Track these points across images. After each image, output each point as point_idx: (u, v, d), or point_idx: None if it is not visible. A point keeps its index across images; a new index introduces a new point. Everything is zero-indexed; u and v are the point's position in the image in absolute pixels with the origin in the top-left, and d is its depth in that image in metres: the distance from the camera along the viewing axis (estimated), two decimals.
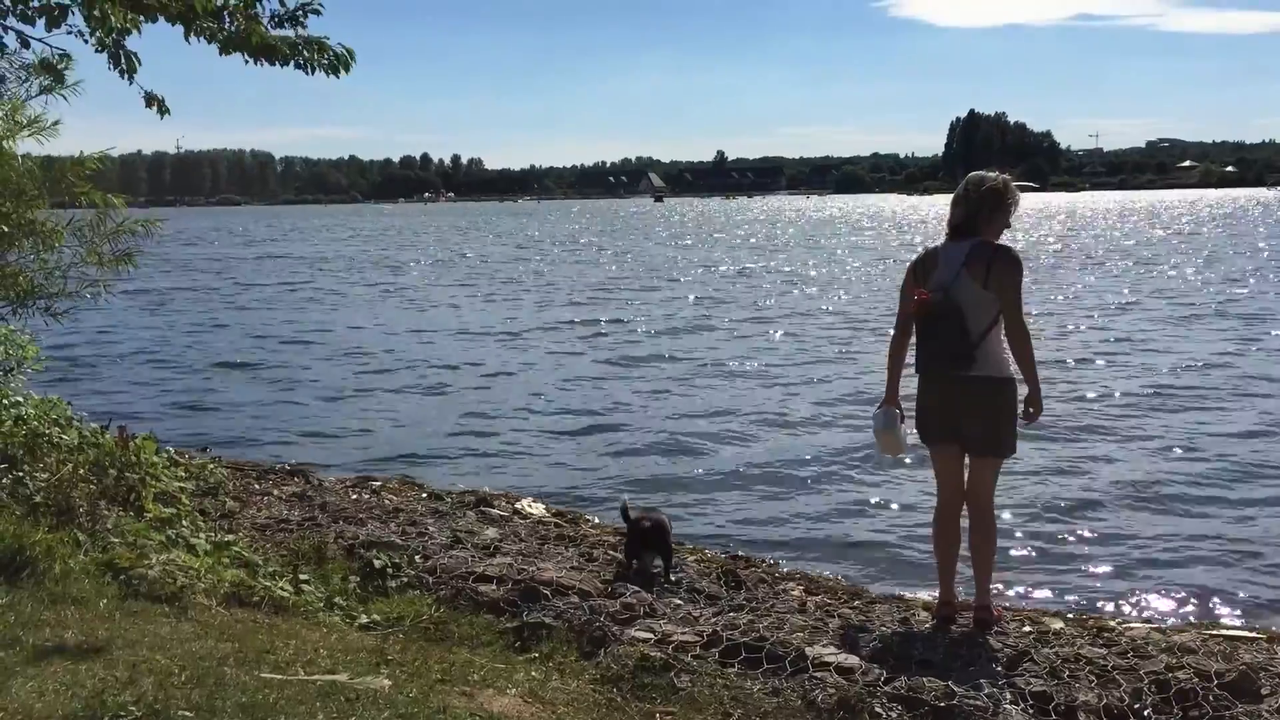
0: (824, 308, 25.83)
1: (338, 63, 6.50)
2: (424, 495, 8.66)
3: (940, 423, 5.32)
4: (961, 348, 5.12)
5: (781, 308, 26.04)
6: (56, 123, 6.35)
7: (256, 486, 8.44)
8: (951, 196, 5.47)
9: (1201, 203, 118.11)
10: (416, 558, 6.27)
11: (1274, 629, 5.90)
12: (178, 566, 5.25)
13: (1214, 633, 5.49)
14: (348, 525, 7.09)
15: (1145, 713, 4.39)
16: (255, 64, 6.66)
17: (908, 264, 5.49)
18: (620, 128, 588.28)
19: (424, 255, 52.17)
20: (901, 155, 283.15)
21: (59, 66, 6.33)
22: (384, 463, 11.02)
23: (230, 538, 6.18)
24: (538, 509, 8.37)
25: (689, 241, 61.54)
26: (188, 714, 3.47)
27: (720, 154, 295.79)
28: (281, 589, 5.42)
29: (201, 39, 6.43)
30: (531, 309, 26.71)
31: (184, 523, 6.03)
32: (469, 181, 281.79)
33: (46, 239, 6.32)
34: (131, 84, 6.70)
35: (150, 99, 6.81)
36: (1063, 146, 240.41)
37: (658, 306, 26.65)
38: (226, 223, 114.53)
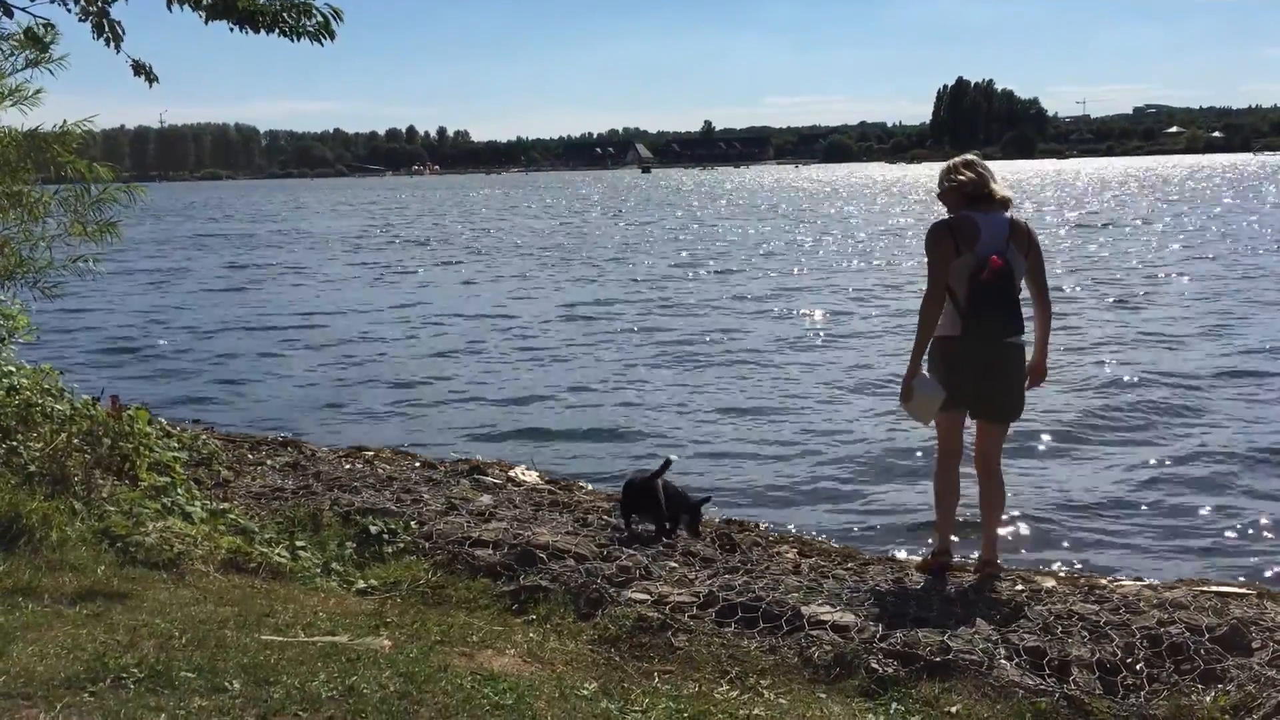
0: (815, 277, 25.85)
1: (322, 29, 6.45)
2: (417, 464, 8.67)
3: (971, 388, 5.39)
4: (1016, 314, 5.32)
5: (770, 278, 26.05)
6: (39, 91, 6.31)
7: (249, 457, 8.45)
8: (941, 168, 5.64)
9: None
10: (412, 524, 6.29)
11: (1264, 585, 5.96)
12: (174, 534, 5.27)
13: (1205, 589, 5.54)
14: (342, 493, 7.10)
15: (1138, 666, 4.43)
16: (241, 32, 6.61)
17: (934, 230, 5.44)
18: (607, 98, 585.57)
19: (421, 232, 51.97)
20: (889, 124, 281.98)
21: (45, 39, 6.27)
22: (375, 433, 11.04)
23: (226, 506, 6.20)
24: (531, 476, 8.39)
25: (678, 213, 61.41)
26: (190, 675, 3.48)
27: (707, 124, 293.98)
28: (278, 555, 5.45)
29: (185, 7, 6.38)
30: (528, 282, 26.68)
31: (179, 491, 6.03)
32: (455, 154, 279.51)
33: (32, 209, 6.28)
34: (119, 53, 6.65)
35: (138, 67, 6.76)
36: (1050, 114, 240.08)
37: (649, 279, 26.63)
38: (216, 197, 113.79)
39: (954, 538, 5.79)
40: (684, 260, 30.93)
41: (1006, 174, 5.67)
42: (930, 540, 6.21)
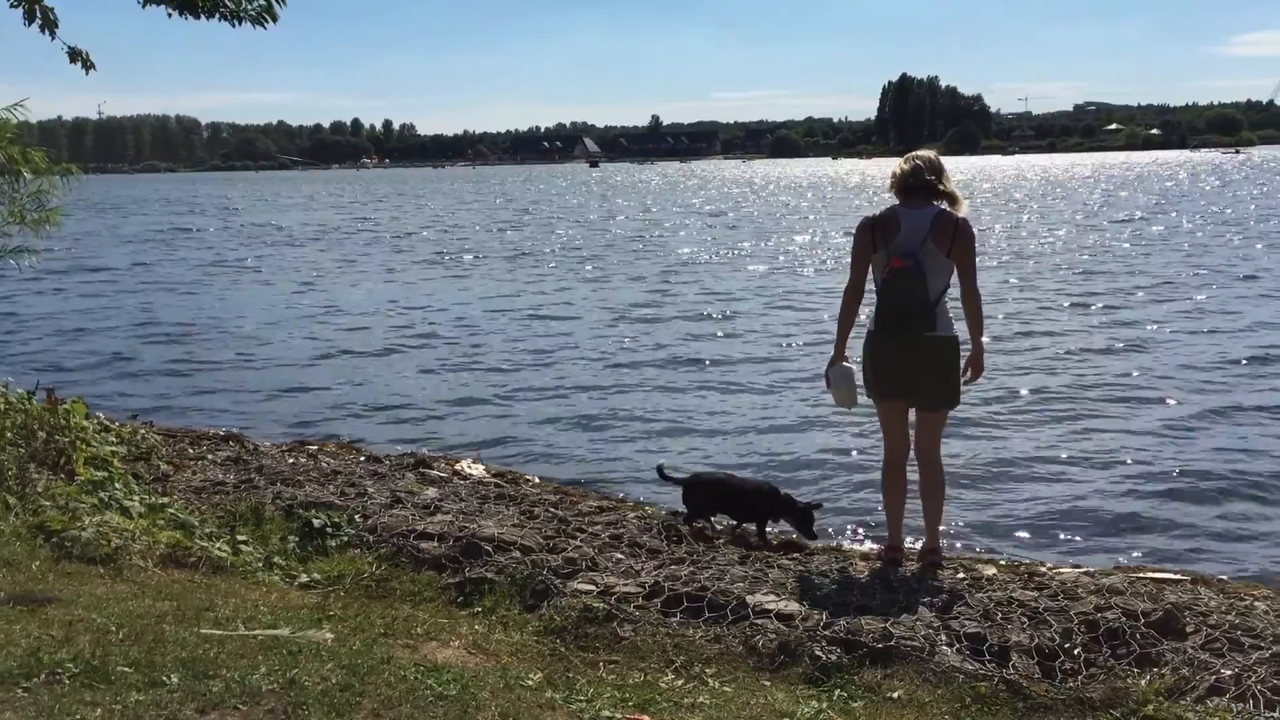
0: (754, 265, 25.98)
1: (264, 12, 6.37)
2: (362, 458, 8.60)
3: (895, 380, 5.56)
4: (924, 311, 5.38)
5: (709, 263, 26.14)
6: None
7: (190, 451, 8.32)
8: (896, 161, 5.72)
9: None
10: (356, 517, 6.24)
11: (1198, 571, 6.09)
12: (111, 528, 5.18)
13: (1140, 575, 5.65)
14: (285, 487, 7.02)
15: (1075, 651, 4.51)
16: (181, 17, 6.50)
17: (859, 225, 5.60)
18: (555, 92, 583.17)
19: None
20: (835, 119, 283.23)
21: None
22: (318, 427, 10.93)
23: (165, 500, 6.10)
24: (477, 470, 8.35)
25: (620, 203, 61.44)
26: (127, 670, 3.43)
27: (655, 118, 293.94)
28: (219, 549, 5.38)
29: None
30: (472, 276, 26.53)
31: (116, 485, 5.94)
32: (402, 147, 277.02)
33: None
34: (54, 39, 6.53)
35: (74, 54, 6.65)
36: (993, 110, 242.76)
37: (592, 271, 26.61)
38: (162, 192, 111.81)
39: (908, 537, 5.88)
40: (634, 255, 30.97)
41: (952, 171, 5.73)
42: (880, 534, 6.27)
